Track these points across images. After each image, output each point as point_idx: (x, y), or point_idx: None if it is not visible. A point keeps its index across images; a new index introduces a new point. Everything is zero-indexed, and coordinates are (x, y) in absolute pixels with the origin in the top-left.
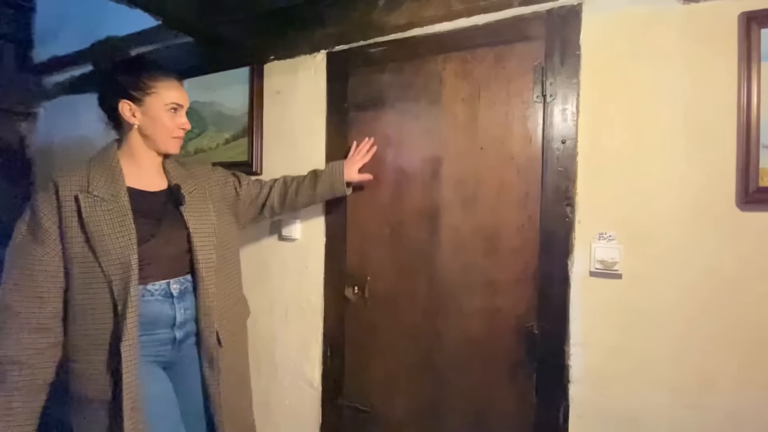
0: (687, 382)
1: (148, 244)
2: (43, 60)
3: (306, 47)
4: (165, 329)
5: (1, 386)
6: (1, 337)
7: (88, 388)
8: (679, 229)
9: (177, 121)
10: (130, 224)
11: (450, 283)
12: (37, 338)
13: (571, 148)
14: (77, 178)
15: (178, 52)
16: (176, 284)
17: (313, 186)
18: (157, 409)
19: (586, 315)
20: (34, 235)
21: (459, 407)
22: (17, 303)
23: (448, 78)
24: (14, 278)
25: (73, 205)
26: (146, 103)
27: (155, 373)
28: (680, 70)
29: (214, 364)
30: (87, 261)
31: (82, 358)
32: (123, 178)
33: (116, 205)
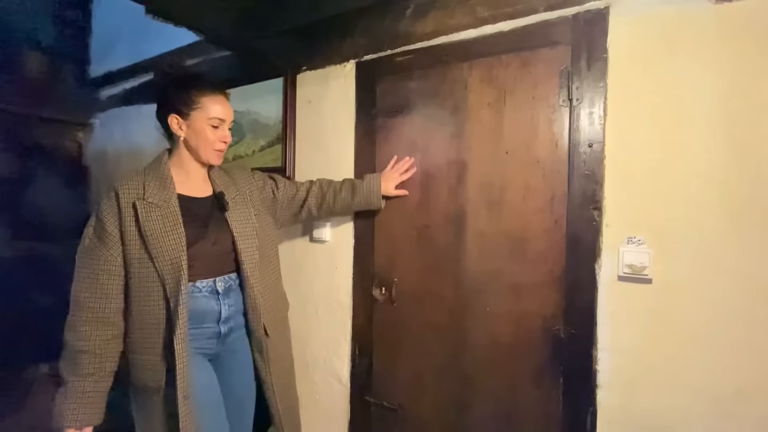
0: (723, 391)
1: (196, 246)
2: (98, 75)
3: (336, 58)
4: (211, 324)
5: (75, 372)
6: (73, 329)
7: (146, 378)
8: (715, 234)
9: (218, 134)
10: (180, 228)
11: (476, 285)
12: (103, 330)
13: (599, 152)
14: (134, 187)
15: (217, 64)
16: (221, 282)
17: (350, 197)
18: (204, 397)
19: (614, 319)
20: (99, 238)
21: (485, 408)
22: (86, 299)
23: (473, 83)
24: (83, 277)
25: (131, 211)
26: (192, 117)
27: (202, 364)
28: (714, 71)
29: (264, 353)
30: (143, 261)
31: (140, 350)
32: (173, 186)
33: (168, 211)
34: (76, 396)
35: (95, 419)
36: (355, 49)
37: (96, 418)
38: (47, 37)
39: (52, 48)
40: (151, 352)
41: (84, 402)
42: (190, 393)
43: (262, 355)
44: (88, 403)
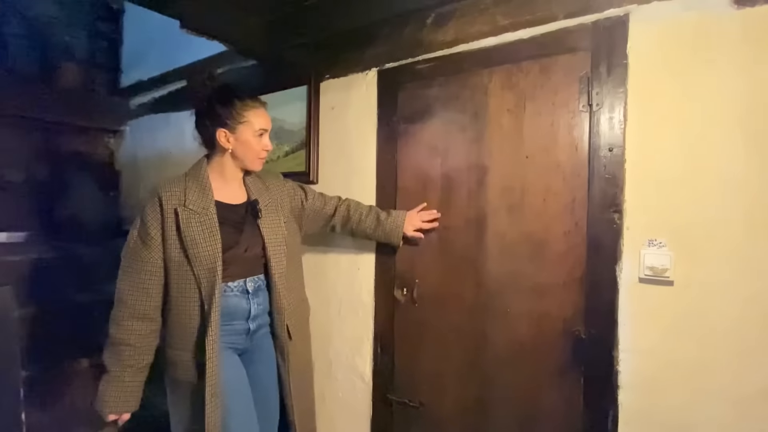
0: (746, 392)
1: (231, 251)
2: (129, 85)
3: (358, 66)
4: (241, 321)
5: (117, 362)
6: (116, 324)
7: (179, 372)
8: (737, 237)
9: (262, 143)
10: (217, 234)
11: (496, 287)
12: (143, 325)
13: (619, 156)
14: (176, 194)
15: (244, 73)
16: (251, 283)
17: (373, 227)
18: (233, 388)
19: (635, 321)
20: (143, 241)
21: (505, 407)
22: (129, 295)
23: (493, 90)
24: (127, 276)
25: (173, 217)
26: (238, 130)
27: (232, 358)
28: (736, 75)
29: (285, 355)
30: (182, 264)
31: (175, 346)
32: (212, 193)
33: (206, 218)
34: (116, 385)
35: (133, 406)
36: (376, 57)
37: (133, 405)
38: (81, 50)
39: (85, 59)
40: (186, 349)
41: (124, 390)
42: (218, 391)
43: (284, 357)
44: (127, 391)
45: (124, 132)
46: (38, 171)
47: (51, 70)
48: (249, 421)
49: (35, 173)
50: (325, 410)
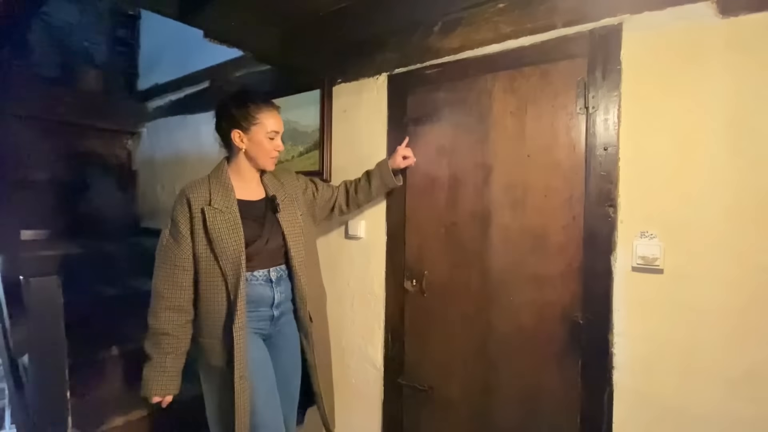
0: (736, 374)
1: (254, 245)
2: (146, 88)
3: (369, 71)
4: (266, 308)
5: (158, 350)
6: (154, 315)
7: (211, 358)
8: (724, 228)
9: (274, 144)
10: (240, 229)
11: (500, 277)
12: (178, 316)
13: (613, 154)
14: (203, 194)
15: (259, 78)
16: (274, 272)
17: (367, 183)
18: (258, 371)
19: (629, 307)
20: (174, 239)
21: (509, 389)
22: (164, 289)
23: (497, 94)
24: (162, 272)
25: (200, 216)
26: (252, 131)
27: (257, 342)
28: (721, 80)
29: (309, 337)
30: (209, 259)
31: (206, 335)
32: (234, 192)
33: (230, 215)
34: (158, 370)
35: (174, 389)
36: (387, 62)
37: (174, 388)
38: (100, 55)
39: (104, 64)
40: (215, 337)
41: (165, 375)
42: (245, 373)
43: (308, 338)
44: (168, 376)
45: (142, 134)
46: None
47: (72, 74)
48: (272, 400)
49: (58, 173)
50: (339, 396)
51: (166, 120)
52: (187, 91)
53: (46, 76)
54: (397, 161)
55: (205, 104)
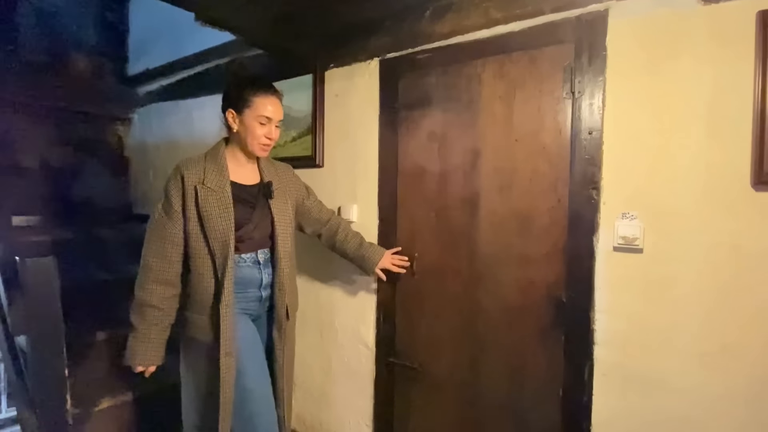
0: (710, 348)
1: (244, 228)
2: (136, 73)
3: (361, 56)
4: (254, 289)
5: (143, 321)
6: (142, 287)
7: (197, 333)
8: (700, 209)
9: (265, 130)
10: (231, 211)
11: (488, 258)
12: (165, 289)
13: (597, 138)
14: (197, 172)
15: (251, 62)
16: (262, 255)
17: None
18: (247, 349)
19: (610, 285)
20: (166, 213)
21: (495, 365)
22: (153, 262)
23: (486, 79)
24: (152, 245)
25: (193, 193)
26: (244, 113)
27: (246, 322)
28: (702, 65)
29: (282, 332)
30: (199, 236)
31: (194, 309)
32: (228, 173)
33: (222, 196)
34: (143, 340)
35: (158, 360)
36: (378, 48)
37: (158, 358)
38: (89, 39)
39: (93, 49)
40: (203, 312)
41: (149, 346)
42: (231, 350)
43: (281, 333)
44: (152, 347)
45: (133, 119)
46: (52, 157)
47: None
48: (262, 380)
49: (49, 159)
50: (331, 374)
51: (158, 105)
52: (178, 76)
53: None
54: (386, 263)
55: (196, 89)
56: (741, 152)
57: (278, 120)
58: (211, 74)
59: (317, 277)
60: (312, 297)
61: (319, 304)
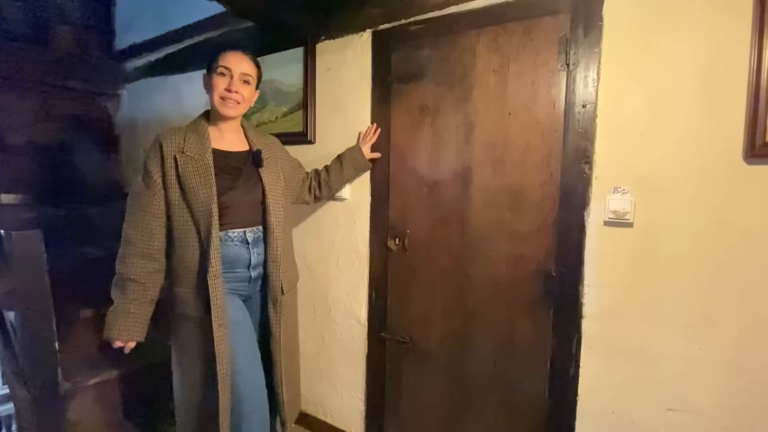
0: (693, 319)
1: (227, 195)
2: (124, 47)
3: (353, 28)
4: (242, 269)
5: (124, 296)
6: (122, 261)
7: (187, 308)
8: (691, 183)
9: (224, 82)
10: (212, 178)
11: (479, 234)
12: (147, 263)
13: (591, 112)
14: (176, 141)
15: (241, 35)
16: (251, 233)
17: (340, 169)
18: (238, 331)
19: (599, 259)
20: (146, 184)
21: (485, 338)
22: (134, 235)
23: (480, 51)
24: (132, 217)
25: (172, 163)
26: (213, 74)
27: (236, 303)
28: (698, 38)
29: (278, 306)
30: (182, 208)
31: (182, 284)
32: (209, 141)
33: (202, 164)
34: (122, 315)
35: (137, 336)
36: (371, 19)
37: (138, 335)
38: (74, 12)
39: (78, 22)
40: (191, 286)
41: (129, 321)
42: (225, 322)
43: (276, 307)
44: (132, 322)
45: (121, 96)
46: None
47: (45, 33)
48: (252, 362)
49: (36, 137)
50: (325, 349)
51: (147, 81)
52: (167, 51)
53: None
54: (367, 153)
55: (186, 64)
56: (734, 125)
57: (240, 72)
58: (200, 48)
59: (310, 253)
60: (305, 273)
61: (312, 281)
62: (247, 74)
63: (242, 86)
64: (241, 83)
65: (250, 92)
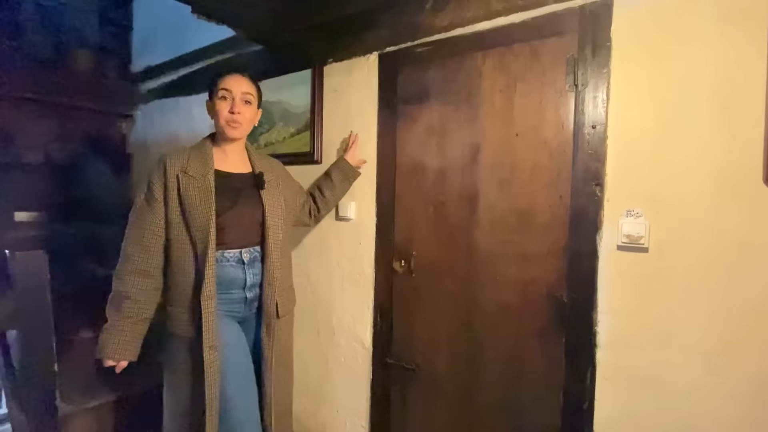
0: (713, 348)
1: (226, 215)
2: (139, 70)
3: (360, 50)
4: (238, 290)
5: (117, 313)
6: (119, 278)
7: (178, 328)
8: (707, 205)
9: (227, 104)
10: (212, 198)
11: (487, 256)
12: (144, 281)
13: (601, 132)
14: (180, 161)
15: (251, 58)
16: (247, 253)
17: (331, 183)
18: (231, 355)
19: (613, 285)
20: (148, 202)
21: (494, 367)
22: (132, 253)
23: (487, 72)
24: (132, 234)
25: (175, 182)
26: (214, 99)
27: (231, 326)
28: (710, 53)
29: (271, 330)
30: (180, 227)
31: (175, 303)
32: (212, 162)
33: (204, 183)
34: (115, 333)
35: (130, 355)
36: (378, 41)
37: (131, 354)
38: (93, 36)
39: (97, 45)
40: (184, 306)
41: (122, 339)
42: (216, 345)
43: (269, 331)
44: (125, 341)
45: (135, 116)
46: (54, 153)
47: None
48: (246, 388)
49: (52, 155)
50: (328, 373)
51: (160, 102)
52: (179, 73)
53: (38, 57)
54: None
55: (197, 86)
56: (751, 145)
57: (241, 92)
58: (211, 71)
59: (314, 273)
60: (309, 294)
61: (316, 301)
62: (247, 93)
63: (244, 106)
64: (243, 103)
65: (252, 112)
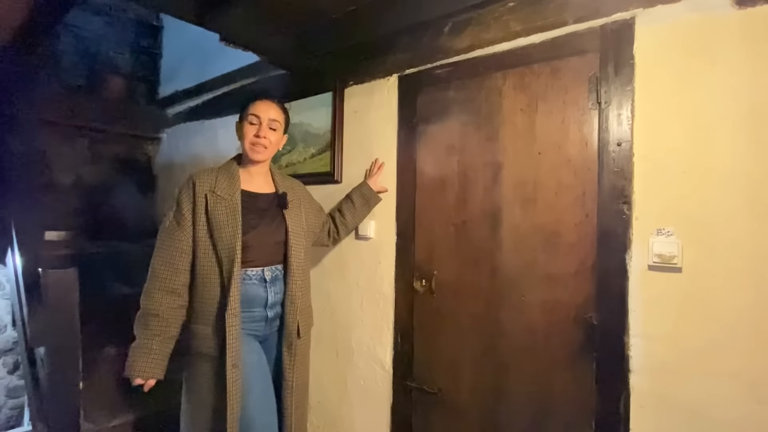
0: (759, 376)
1: (251, 234)
2: (166, 95)
3: (380, 72)
4: (259, 308)
5: (146, 331)
6: (148, 296)
7: (202, 346)
8: (743, 221)
9: (253, 129)
10: (239, 217)
11: (511, 276)
12: (171, 299)
13: (627, 150)
14: (208, 181)
15: (274, 82)
16: (269, 272)
17: (352, 206)
18: (252, 375)
19: (645, 307)
20: (177, 221)
21: (520, 392)
22: (162, 271)
23: (507, 91)
24: (160, 253)
25: (203, 201)
26: (243, 122)
27: (252, 345)
28: (737, 71)
29: (292, 350)
30: (207, 245)
31: (199, 320)
32: (239, 183)
33: (231, 203)
34: (144, 352)
35: (158, 373)
36: (397, 63)
37: (159, 372)
38: (124, 64)
39: (128, 73)
40: (208, 323)
41: (150, 357)
42: (239, 363)
43: (290, 351)
44: (153, 359)
45: (162, 139)
46: (84, 175)
47: (97, 82)
48: (266, 408)
49: (82, 177)
50: (346, 396)
51: (185, 125)
52: (204, 98)
53: (72, 84)
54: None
55: (222, 109)
56: None
57: (268, 119)
58: (236, 95)
59: (334, 293)
60: (328, 313)
61: (336, 321)
62: (274, 120)
63: (270, 132)
64: (269, 129)
65: (277, 137)
